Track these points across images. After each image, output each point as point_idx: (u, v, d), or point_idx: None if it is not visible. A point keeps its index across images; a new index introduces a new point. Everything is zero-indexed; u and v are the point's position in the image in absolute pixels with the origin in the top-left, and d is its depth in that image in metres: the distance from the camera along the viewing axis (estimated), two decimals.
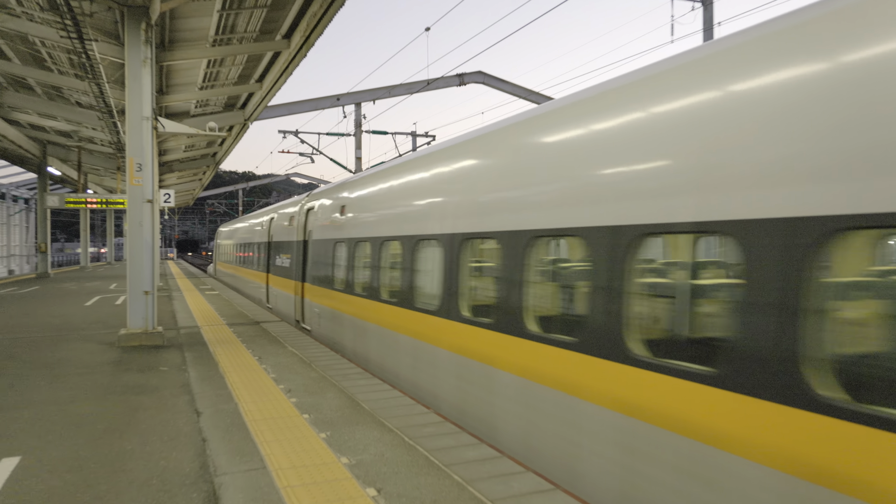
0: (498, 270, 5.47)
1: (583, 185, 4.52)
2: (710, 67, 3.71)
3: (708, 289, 4.06)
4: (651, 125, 4.04)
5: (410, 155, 8.34)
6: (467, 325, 5.99)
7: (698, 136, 3.64)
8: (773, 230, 3.11)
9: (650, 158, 3.96)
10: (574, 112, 4.91)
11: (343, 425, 5.50)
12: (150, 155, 9.97)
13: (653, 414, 3.75)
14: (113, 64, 14.06)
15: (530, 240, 5.07)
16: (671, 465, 3.63)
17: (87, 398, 6.53)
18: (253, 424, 5.54)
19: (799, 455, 2.92)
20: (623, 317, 4.05)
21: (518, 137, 5.54)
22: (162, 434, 5.29)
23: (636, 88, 4.29)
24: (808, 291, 2.96)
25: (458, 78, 25.20)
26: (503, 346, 5.34)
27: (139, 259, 9.97)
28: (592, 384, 4.26)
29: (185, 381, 7.30)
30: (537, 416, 4.89)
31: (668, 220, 3.74)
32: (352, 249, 9.46)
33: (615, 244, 4.14)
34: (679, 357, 3.77)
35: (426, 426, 5.42)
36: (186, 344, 9.99)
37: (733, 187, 3.36)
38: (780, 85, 3.22)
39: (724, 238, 3.42)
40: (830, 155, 2.92)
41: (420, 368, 6.97)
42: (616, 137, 4.31)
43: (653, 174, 3.91)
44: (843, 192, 2.83)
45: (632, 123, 4.20)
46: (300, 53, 13.23)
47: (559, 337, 4.68)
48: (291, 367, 8.06)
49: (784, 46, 3.28)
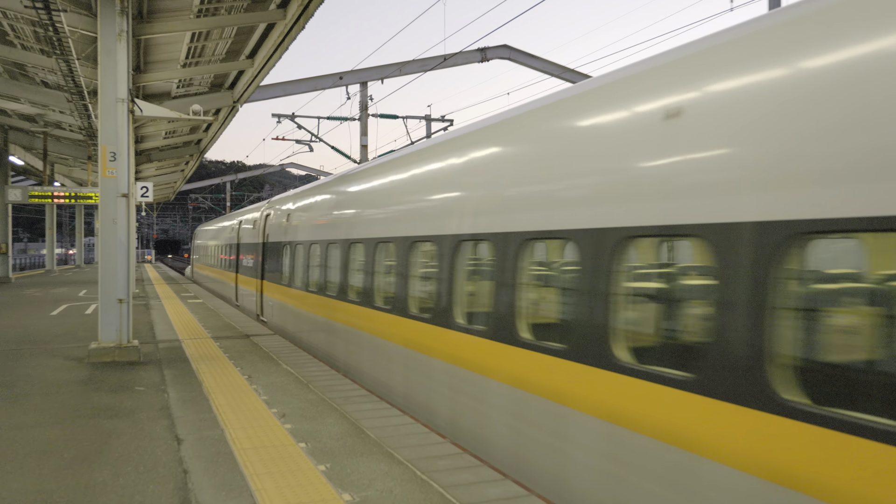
0: (366, 263, 9.16)
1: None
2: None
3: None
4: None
5: (347, 170, 12.07)
6: (353, 305, 9.82)
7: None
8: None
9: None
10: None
11: (345, 456, 5.51)
12: (125, 142, 10.09)
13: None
14: (84, 38, 14.26)
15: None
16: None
17: (52, 422, 6.60)
18: (241, 454, 5.57)
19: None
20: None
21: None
22: (137, 464, 5.34)
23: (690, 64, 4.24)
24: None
25: (479, 53, 25.25)
26: (394, 324, 8.16)
27: (112, 262, 10.08)
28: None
29: (165, 403, 7.36)
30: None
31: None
32: (292, 251, 13.84)
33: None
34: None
35: (442, 458, 5.41)
36: (166, 360, 10.08)
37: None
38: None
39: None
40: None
41: (330, 341, 11.06)
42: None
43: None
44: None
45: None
46: (297, 25, 13.31)
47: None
48: (286, 388, 8.10)
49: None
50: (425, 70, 24.31)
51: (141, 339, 11.82)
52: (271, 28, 14.59)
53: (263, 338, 12.51)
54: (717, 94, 3.90)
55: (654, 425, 4.03)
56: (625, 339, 4.46)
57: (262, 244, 17.19)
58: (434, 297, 7.11)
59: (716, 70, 3.98)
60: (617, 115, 4.69)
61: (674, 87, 4.26)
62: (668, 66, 4.44)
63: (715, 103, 3.90)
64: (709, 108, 3.93)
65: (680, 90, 4.19)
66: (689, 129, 4.02)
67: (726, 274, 3.63)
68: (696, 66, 4.18)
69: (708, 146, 3.86)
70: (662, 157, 4.16)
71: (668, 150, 4.13)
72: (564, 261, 5.36)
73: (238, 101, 19.89)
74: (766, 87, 3.58)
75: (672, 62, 4.43)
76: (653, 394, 4.06)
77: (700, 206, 3.81)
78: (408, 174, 8.46)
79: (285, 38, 14.17)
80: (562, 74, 26.01)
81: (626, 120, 4.57)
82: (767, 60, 3.63)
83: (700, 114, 3.99)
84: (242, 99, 19.57)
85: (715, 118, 3.86)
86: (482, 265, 6.40)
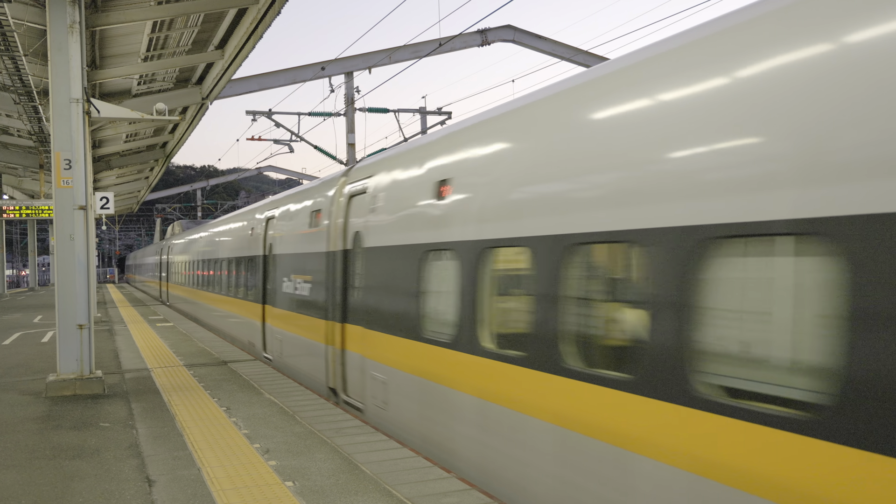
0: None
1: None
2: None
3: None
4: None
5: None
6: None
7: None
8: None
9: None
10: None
11: (337, 495, 5.53)
12: (81, 148, 10.15)
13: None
14: (32, 31, 14.35)
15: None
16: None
17: (7, 465, 6.62)
18: (221, 495, 5.59)
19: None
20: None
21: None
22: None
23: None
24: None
25: (479, 35, 25.32)
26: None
27: (70, 283, 10.13)
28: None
29: (133, 441, 7.38)
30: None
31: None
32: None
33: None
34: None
35: (445, 495, 5.43)
36: (133, 392, 10.10)
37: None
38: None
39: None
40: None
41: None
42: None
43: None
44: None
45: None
46: (272, 10, 13.41)
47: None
48: (269, 420, 8.12)
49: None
50: (419, 57, 24.40)
51: (105, 368, 11.85)
52: (243, 14, 14.68)
53: (241, 364, 12.52)
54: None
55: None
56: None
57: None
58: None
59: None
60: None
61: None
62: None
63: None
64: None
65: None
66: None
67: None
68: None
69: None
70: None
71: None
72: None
73: (207, 98, 19.99)
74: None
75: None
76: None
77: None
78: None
79: (259, 24, 14.26)
80: (573, 57, 26.08)
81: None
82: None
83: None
84: (212, 95, 19.67)
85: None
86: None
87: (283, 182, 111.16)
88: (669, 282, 4.16)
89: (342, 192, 10.06)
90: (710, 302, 3.96)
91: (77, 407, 9.19)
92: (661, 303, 4.23)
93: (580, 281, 5.10)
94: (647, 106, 4.62)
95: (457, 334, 6.51)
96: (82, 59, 10.32)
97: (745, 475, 3.63)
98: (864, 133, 3.26)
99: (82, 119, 10.23)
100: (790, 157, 3.55)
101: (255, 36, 14.86)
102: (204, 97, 20.09)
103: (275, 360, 13.25)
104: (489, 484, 5.93)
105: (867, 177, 3.20)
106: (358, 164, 10.33)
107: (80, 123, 10.14)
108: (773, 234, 3.64)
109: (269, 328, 13.82)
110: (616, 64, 5.31)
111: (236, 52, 15.98)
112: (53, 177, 10.05)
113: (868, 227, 3.15)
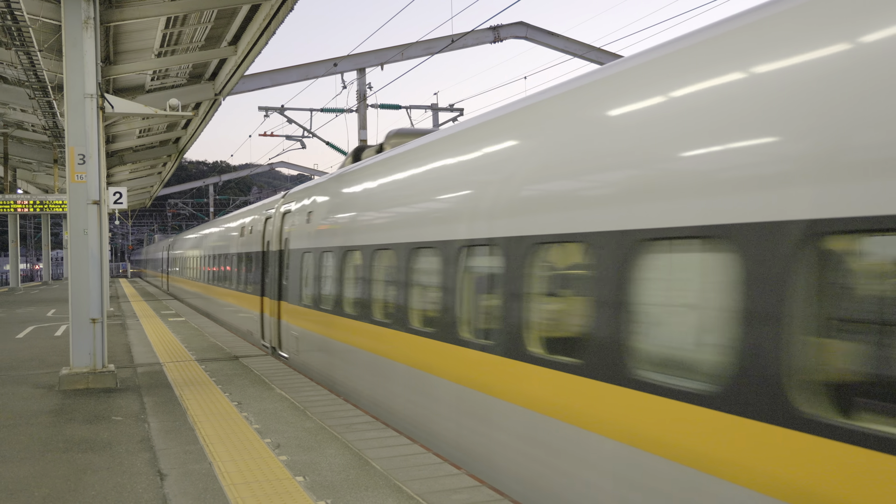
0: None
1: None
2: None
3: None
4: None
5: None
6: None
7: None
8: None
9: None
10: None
11: (347, 490, 5.55)
12: (95, 143, 10.20)
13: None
14: (47, 26, 14.42)
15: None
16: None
17: (20, 457, 6.68)
18: (232, 490, 5.62)
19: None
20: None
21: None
22: (116, 503, 5.40)
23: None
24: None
25: (492, 32, 25.29)
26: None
27: (84, 277, 10.19)
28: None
29: (145, 435, 7.43)
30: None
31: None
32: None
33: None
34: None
35: (455, 492, 5.44)
36: (146, 386, 10.17)
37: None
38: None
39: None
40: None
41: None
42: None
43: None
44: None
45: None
46: (285, 5, 13.42)
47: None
48: (280, 415, 8.16)
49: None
50: (431, 53, 24.38)
51: (117, 362, 11.92)
52: (256, 10, 14.72)
53: (253, 359, 12.57)
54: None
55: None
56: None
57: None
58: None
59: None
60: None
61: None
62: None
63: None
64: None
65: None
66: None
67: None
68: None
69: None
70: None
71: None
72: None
73: (220, 94, 20.03)
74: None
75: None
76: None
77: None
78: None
79: (272, 20, 14.29)
80: (586, 54, 26.00)
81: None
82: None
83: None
84: (225, 91, 19.71)
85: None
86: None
87: (294, 178, 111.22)
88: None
89: (280, 210, 14.52)
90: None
91: (90, 400, 9.25)
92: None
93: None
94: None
95: (335, 304, 10.26)
96: (97, 54, 10.37)
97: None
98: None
99: (96, 114, 10.29)
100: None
101: (267, 32, 14.89)
102: (217, 93, 20.13)
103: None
104: (348, 395, 9.61)
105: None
106: (290, 190, 14.90)
107: (94, 119, 10.19)
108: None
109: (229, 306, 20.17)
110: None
111: (249, 48, 16.02)
112: (67, 171, 10.11)
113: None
